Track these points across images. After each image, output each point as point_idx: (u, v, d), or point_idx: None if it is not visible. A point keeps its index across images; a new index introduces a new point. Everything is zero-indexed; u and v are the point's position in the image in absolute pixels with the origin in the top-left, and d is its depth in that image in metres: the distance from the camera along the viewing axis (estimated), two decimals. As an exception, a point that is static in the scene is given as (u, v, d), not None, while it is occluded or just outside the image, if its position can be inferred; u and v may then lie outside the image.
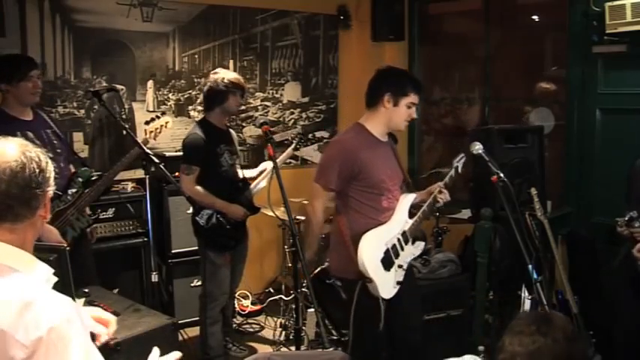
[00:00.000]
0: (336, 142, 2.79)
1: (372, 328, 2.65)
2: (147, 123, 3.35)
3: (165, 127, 3.36)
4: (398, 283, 2.67)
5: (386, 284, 2.62)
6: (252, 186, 3.63)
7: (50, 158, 3.10)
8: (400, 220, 2.72)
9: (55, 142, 3.18)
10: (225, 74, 3.46)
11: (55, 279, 1.43)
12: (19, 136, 2.90)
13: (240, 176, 3.63)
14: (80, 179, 3.11)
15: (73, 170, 3.25)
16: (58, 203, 3.04)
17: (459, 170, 2.92)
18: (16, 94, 3.02)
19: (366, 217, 2.67)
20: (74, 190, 3.09)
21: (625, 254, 2.98)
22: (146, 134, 3.38)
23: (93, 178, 3.14)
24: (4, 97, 3.06)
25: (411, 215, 2.77)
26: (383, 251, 2.62)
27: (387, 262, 2.63)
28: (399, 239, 2.70)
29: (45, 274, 1.37)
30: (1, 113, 3.04)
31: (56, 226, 2.99)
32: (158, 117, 3.35)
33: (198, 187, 3.37)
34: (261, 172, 3.78)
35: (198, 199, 3.38)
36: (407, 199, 2.77)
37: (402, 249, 2.71)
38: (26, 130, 3.04)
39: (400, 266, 2.68)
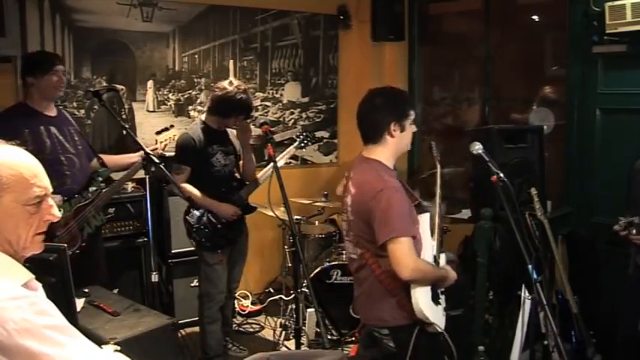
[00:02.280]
0: (390, 189, 2.32)
1: None
2: (158, 133, 3.41)
3: (173, 139, 3.44)
4: (444, 310, 2.53)
5: (440, 318, 2.46)
6: (260, 175, 3.66)
7: (72, 154, 3.19)
8: (428, 246, 2.51)
9: (76, 139, 3.27)
10: (245, 99, 3.40)
11: (38, 286, 1.42)
12: (42, 130, 3.08)
13: (238, 176, 3.65)
14: (100, 178, 3.20)
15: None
16: (80, 199, 3.15)
17: (439, 165, 2.88)
18: (40, 87, 3.11)
19: None
20: (94, 189, 3.18)
21: (634, 259, 2.99)
22: (156, 143, 3.46)
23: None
24: (29, 91, 3.14)
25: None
26: (430, 290, 2.43)
27: (435, 297, 2.46)
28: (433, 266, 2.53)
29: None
30: (25, 107, 3.13)
31: (76, 222, 3.10)
32: (167, 128, 3.42)
33: (188, 187, 3.39)
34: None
35: (189, 197, 3.40)
36: (424, 222, 2.53)
37: None
38: (49, 125, 3.15)
39: (442, 292, 2.53)
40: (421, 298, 2.36)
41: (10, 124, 3.01)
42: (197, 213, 3.46)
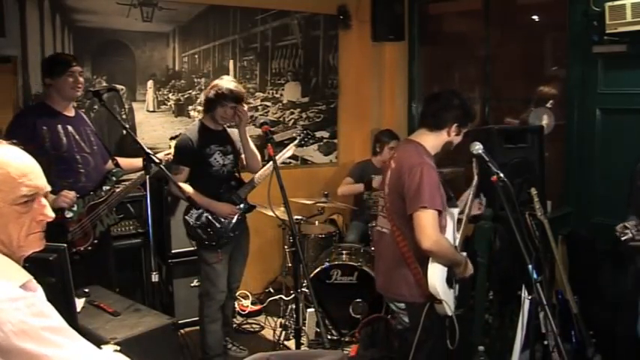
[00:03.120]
0: (421, 165, 2.55)
1: (437, 349, 2.67)
2: (172, 138, 3.60)
3: None
4: (455, 297, 2.70)
5: (450, 302, 2.62)
6: (258, 174, 3.63)
7: (87, 153, 3.31)
8: (450, 238, 2.70)
9: (92, 139, 3.37)
10: (223, 84, 3.42)
11: (37, 287, 1.41)
12: (60, 129, 3.18)
13: (237, 175, 3.64)
14: (114, 178, 3.28)
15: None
16: (94, 197, 3.22)
17: (476, 178, 2.92)
18: (58, 88, 3.20)
19: None
20: (107, 188, 3.26)
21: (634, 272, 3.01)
22: (170, 148, 3.61)
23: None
24: (49, 92, 3.25)
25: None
26: (446, 270, 2.61)
27: (450, 280, 2.64)
28: None
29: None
30: (45, 106, 3.24)
31: (89, 220, 3.19)
32: (181, 134, 3.53)
33: (186, 187, 3.37)
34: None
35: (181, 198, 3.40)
36: (453, 213, 2.74)
37: None
38: (67, 124, 3.25)
39: (457, 280, 2.71)
40: (436, 273, 2.54)
41: (29, 122, 3.14)
42: (196, 213, 3.46)
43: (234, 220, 3.54)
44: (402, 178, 2.57)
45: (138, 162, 3.41)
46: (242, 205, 3.57)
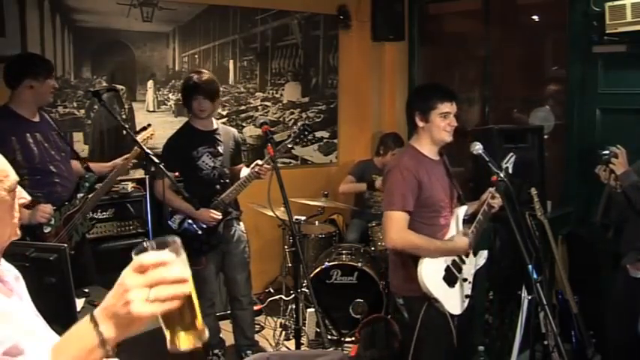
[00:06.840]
0: (396, 167, 2.66)
1: (437, 347, 2.67)
2: (137, 132, 3.35)
3: (151, 138, 3.35)
4: (466, 296, 2.70)
5: (452, 300, 2.64)
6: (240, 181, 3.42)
7: (58, 161, 3.12)
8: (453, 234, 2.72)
9: (60, 144, 3.17)
10: (194, 76, 3.30)
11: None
12: (29, 138, 2.96)
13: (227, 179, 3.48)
14: (87, 184, 3.11)
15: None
16: (69, 207, 3.05)
17: (510, 171, 2.87)
18: (40, 91, 2.98)
19: None
20: (81, 195, 3.09)
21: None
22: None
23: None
24: (21, 94, 2.98)
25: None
26: (443, 269, 2.63)
27: (450, 279, 2.64)
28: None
29: None
30: (10, 112, 2.98)
31: (66, 231, 3.02)
32: (145, 128, 3.34)
33: (167, 191, 3.29)
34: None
35: (167, 203, 3.33)
36: (460, 213, 2.76)
37: (464, 262, 2.72)
38: (35, 132, 3.03)
39: (465, 279, 2.70)
40: (427, 272, 2.56)
41: None
42: (179, 218, 3.38)
43: (218, 227, 3.37)
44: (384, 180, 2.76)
45: (106, 166, 3.31)
46: (227, 211, 3.40)
